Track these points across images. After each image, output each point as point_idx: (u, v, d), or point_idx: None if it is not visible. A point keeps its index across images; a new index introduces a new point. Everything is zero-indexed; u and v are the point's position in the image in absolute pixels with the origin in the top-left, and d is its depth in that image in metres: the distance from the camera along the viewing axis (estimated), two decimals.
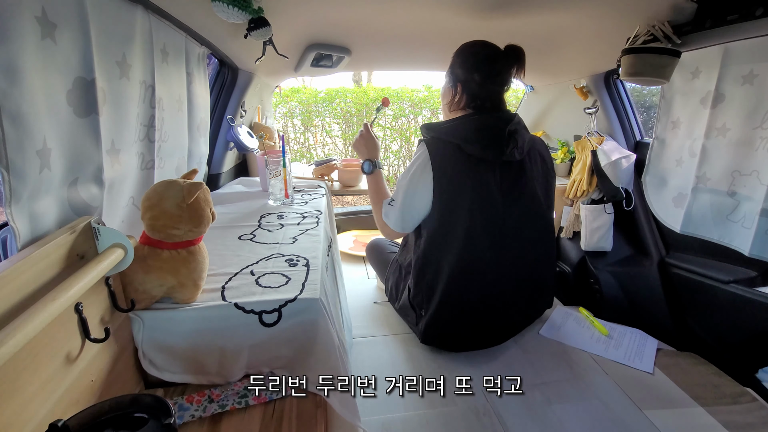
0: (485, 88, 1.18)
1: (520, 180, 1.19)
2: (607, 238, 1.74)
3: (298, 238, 1.09)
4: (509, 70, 1.18)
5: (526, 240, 1.23)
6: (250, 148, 1.74)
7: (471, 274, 1.19)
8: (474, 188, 1.14)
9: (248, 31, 1.12)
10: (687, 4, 1.14)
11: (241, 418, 0.69)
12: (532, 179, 1.21)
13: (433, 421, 1.02)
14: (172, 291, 0.76)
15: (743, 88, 1.19)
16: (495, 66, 1.17)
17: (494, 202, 1.16)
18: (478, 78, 1.17)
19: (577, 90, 1.86)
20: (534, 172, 1.22)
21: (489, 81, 1.17)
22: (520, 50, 1.18)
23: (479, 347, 1.28)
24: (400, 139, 5.07)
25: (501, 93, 1.20)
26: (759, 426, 1.01)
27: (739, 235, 1.25)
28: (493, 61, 1.17)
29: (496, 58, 1.17)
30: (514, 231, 1.20)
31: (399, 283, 1.48)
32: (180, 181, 0.76)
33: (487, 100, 1.19)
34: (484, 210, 1.15)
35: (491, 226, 1.16)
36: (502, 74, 1.18)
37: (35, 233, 0.59)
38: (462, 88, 1.20)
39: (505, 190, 1.17)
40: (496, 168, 1.16)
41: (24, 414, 0.49)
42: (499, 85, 1.19)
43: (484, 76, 1.17)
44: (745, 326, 1.27)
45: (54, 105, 0.61)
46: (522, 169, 1.19)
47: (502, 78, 1.18)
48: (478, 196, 1.14)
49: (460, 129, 1.16)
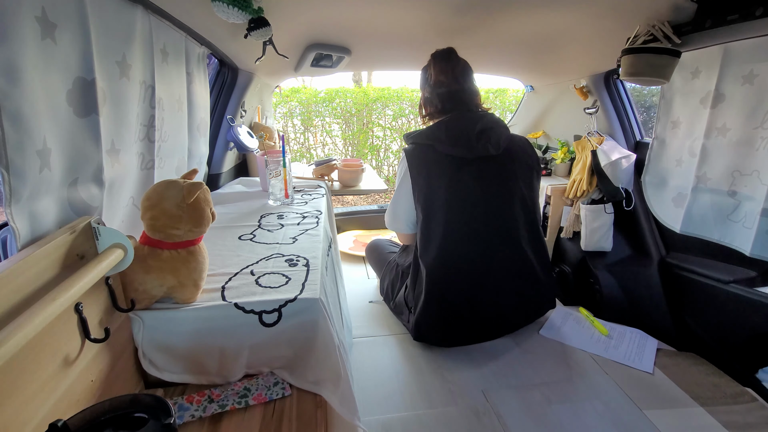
0: (434, 93, 1.29)
1: (500, 175, 1.24)
2: (607, 238, 1.74)
3: (298, 238, 1.09)
4: (442, 70, 1.28)
5: (509, 234, 1.26)
6: (250, 148, 1.74)
7: (451, 269, 1.22)
8: (450, 186, 1.21)
9: (248, 31, 1.12)
10: (687, 4, 1.14)
11: (241, 418, 0.69)
12: (513, 174, 1.26)
13: (433, 421, 1.03)
14: (172, 291, 0.76)
15: (743, 88, 1.19)
16: (427, 71, 1.32)
17: (472, 198, 1.22)
18: (427, 87, 1.33)
19: (577, 90, 1.86)
20: (515, 166, 1.27)
21: (435, 86, 1.29)
22: (446, 50, 1.31)
23: (471, 341, 1.30)
24: (400, 139, 5.07)
25: (454, 93, 1.27)
26: (759, 426, 1.01)
27: (740, 235, 1.25)
28: (427, 67, 1.33)
29: (428, 65, 1.33)
30: (496, 225, 1.24)
31: (395, 283, 1.50)
32: (180, 181, 0.76)
33: (442, 103, 1.28)
34: (461, 206, 1.21)
35: (470, 222, 1.21)
36: (434, 76, 1.29)
37: (35, 233, 0.59)
38: (423, 101, 1.36)
39: (484, 186, 1.23)
40: (473, 164, 1.22)
41: (24, 414, 0.49)
42: (441, 87, 1.28)
43: (429, 84, 1.31)
44: (745, 326, 1.27)
45: (54, 105, 0.61)
46: (502, 165, 1.25)
47: (440, 80, 1.28)
48: (455, 192, 1.21)
49: (434, 130, 1.25)
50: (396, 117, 4.96)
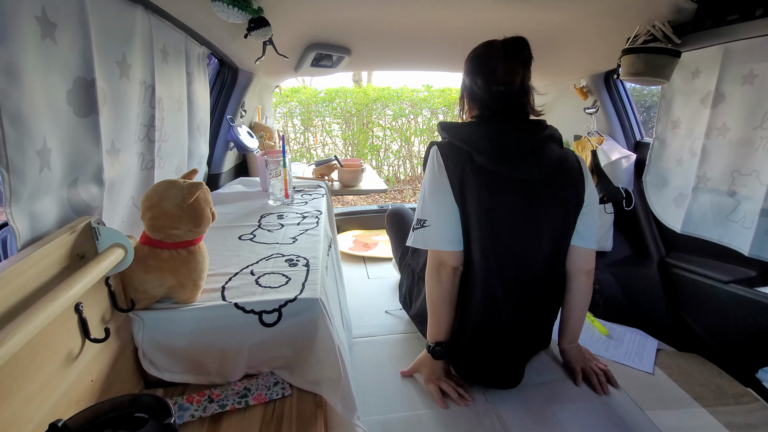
0: (487, 91, 1.05)
1: (539, 203, 1.02)
2: (607, 238, 1.74)
3: (298, 238, 1.09)
4: (511, 67, 1.01)
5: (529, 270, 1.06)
6: (250, 148, 1.74)
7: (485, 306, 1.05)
8: (480, 211, 1.00)
9: (248, 31, 1.12)
10: (687, 4, 1.14)
11: (241, 418, 0.69)
12: (553, 204, 1.03)
13: (433, 421, 1.02)
14: (172, 291, 0.76)
15: (743, 88, 1.19)
16: (490, 63, 1.03)
17: (505, 224, 1.02)
18: (480, 81, 1.05)
19: (577, 90, 1.86)
20: (558, 194, 1.04)
21: (490, 82, 1.03)
22: (519, 40, 1.02)
23: (498, 384, 1.13)
24: (400, 139, 5.07)
25: (510, 95, 1.04)
26: (761, 427, 1.01)
27: (739, 235, 1.25)
28: (488, 58, 1.04)
29: (491, 54, 1.03)
30: (521, 257, 1.04)
31: (412, 289, 1.39)
32: (180, 181, 0.76)
33: (492, 104, 1.05)
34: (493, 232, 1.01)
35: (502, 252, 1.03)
36: (497, 71, 1.02)
37: (35, 233, 0.59)
38: (468, 96, 1.10)
39: (518, 211, 1.01)
40: (512, 185, 1.01)
41: (24, 414, 0.49)
42: (503, 86, 1.03)
43: (484, 78, 1.04)
44: (745, 326, 1.27)
45: (54, 105, 0.61)
46: (543, 191, 1.02)
47: (503, 77, 1.02)
48: (488, 218, 1.00)
49: (476, 137, 1.02)
50: (396, 117, 4.96)
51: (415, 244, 1.07)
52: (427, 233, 1.05)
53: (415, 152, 5.16)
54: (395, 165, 5.21)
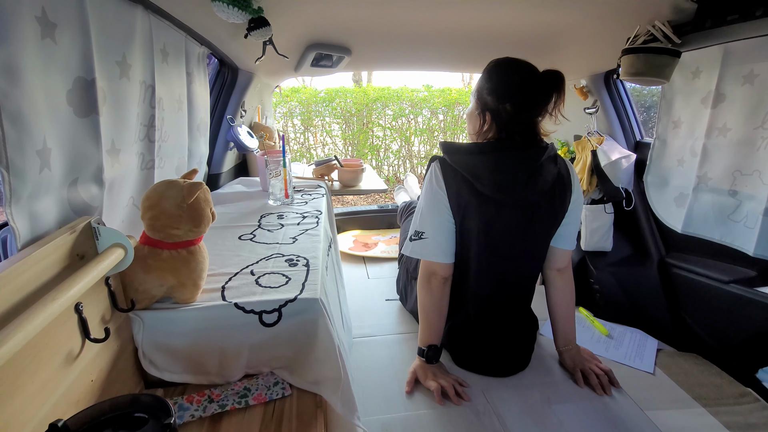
0: (518, 120, 1.04)
1: (531, 221, 1.08)
2: (607, 238, 1.74)
3: (298, 238, 1.09)
4: (547, 100, 1.04)
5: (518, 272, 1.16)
6: (250, 148, 1.74)
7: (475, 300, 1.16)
8: (480, 229, 1.07)
9: (248, 31, 1.12)
10: (687, 4, 1.14)
11: (241, 418, 0.69)
12: (547, 219, 1.10)
13: (433, 421, 1.02)
14: (172, 291, 0.76)
15: (744, 88, 1.19)
16: (530, 95, 1.03)
17: (503, 239, 1.08)
18: (510, 108, 1.03)
19: (577, 90, 1.86)
20: (551, 210, 1.10)
21: (523, 112, 1.03)
22: (559, 75, 1.03)
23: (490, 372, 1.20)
24: (400, 139, 5.07)
25: (536, 125, 1.07)
26: (761, 427, 1.01)
27: (742, 234, 1.25)
28: (528, 88, 1.03)
29: (531, 85, 1.03)
30: (512, 269, 1.14)
31: (407, 285, 1.45)
32: (180, 181, 0.76)
33: (518, 133, 1.05)
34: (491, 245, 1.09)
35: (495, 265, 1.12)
36: (539, 105, 1.04)
37: (35, 233, 0.59)
38: (491, 117, 1.06)
39: (516, 228, 1.08)
40: (511, 206, 1.06)
41: (24, 414, 0.49)
42: (535, 116, 1.05)
43: (517, 106, 1.03)
44: (745, 326, 1.27)
45: (54, 105, 0.61)
46: (537, 209, 1.07)
47: (538, 109, 1.04)
48: (485, 236, 1.08)
49: (476, 166, 1.04)
50: (396, 117, 4.96)
51: (413, 255, 1.13)
52: (424, 245, 1.11)
53: (415, 152, 5.16)
54: (395, 165, 5.21)
